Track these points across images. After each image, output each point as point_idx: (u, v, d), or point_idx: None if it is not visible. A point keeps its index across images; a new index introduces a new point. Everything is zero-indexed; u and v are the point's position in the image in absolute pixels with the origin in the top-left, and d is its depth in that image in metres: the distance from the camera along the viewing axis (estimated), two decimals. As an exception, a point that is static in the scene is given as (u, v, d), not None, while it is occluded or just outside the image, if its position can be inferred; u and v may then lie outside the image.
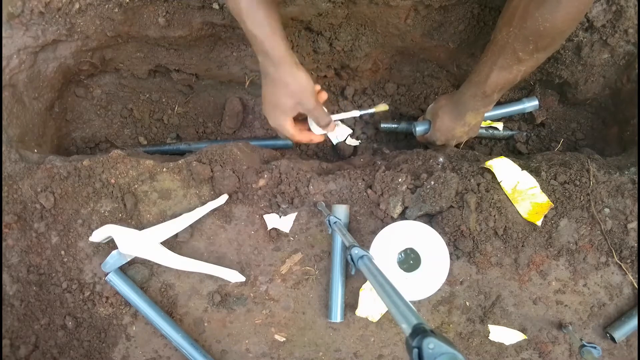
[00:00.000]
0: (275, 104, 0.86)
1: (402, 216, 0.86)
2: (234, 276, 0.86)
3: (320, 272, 0.88)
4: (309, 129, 0.95)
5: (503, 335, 0.86)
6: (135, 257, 0.86)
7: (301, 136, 0.92)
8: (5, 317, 0.88)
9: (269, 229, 0.87)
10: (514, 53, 0.78)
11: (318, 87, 0.90)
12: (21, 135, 0.95)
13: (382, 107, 1.02)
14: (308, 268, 0.88)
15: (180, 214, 0.87)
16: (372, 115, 1.20)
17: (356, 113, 1.00)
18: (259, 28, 0.78)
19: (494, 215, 0.85)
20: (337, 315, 0.85)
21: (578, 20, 0.78)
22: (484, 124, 1.16)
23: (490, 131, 1.16)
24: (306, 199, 0.88)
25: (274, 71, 0.82)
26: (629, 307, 0.86)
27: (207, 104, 1.21)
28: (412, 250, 0.83)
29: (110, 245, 0.87)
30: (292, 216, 0.88)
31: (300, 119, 0.94)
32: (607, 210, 0.86)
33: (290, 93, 0.84)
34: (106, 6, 0.91)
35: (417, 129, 1.03)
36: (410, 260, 0.84)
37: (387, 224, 0.83)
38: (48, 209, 0.87)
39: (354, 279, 0.87)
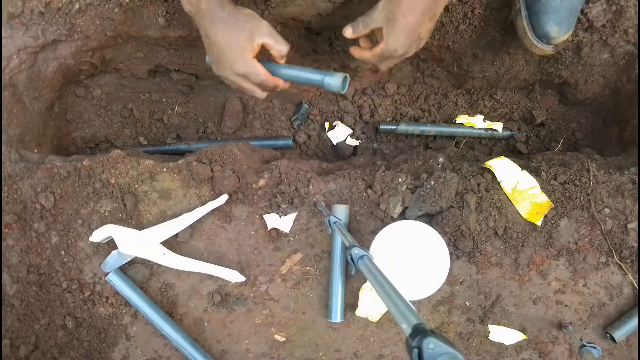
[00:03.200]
0: (231, 44, 0.79)
1: (402, 216, 0.86)
2: (234, 276, 0.86)
3: (320, 272, 0.88)
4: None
5: (503, 335, 0.86)
6: (135, 257, 0.86)
7: (271, 78, 0.83)
8: (5, 317, 0.88)
9: (269, 229, 0.87)
10: None
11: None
12: (21, 135, 0.95)
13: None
14: (308, 268, 0.88)
15: (180, 214, 0.87)
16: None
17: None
18: None
19: (494, 215, 0.85)
20: (337, 315, 0.85)
21: None
22: (482, 125, 1.16)
23: (490, 131, 1.16)
24: (306, 199, 0.88)
25: (221, 13, 0.77)
26: (629, 307, 0.86)
27: (207, 104, 1.21)
28: None
29: (110, 245, 0.87)
30: (292, 216, 0.88)
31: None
32: (607, 210, 0.86)
33: (242, 26, 0.79)
34: (106, 6, 0.91)
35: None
36: None
37: (387, 224, 0.83)
38: (48, 209, 0.87)
39: (354, 279, 0.87)
